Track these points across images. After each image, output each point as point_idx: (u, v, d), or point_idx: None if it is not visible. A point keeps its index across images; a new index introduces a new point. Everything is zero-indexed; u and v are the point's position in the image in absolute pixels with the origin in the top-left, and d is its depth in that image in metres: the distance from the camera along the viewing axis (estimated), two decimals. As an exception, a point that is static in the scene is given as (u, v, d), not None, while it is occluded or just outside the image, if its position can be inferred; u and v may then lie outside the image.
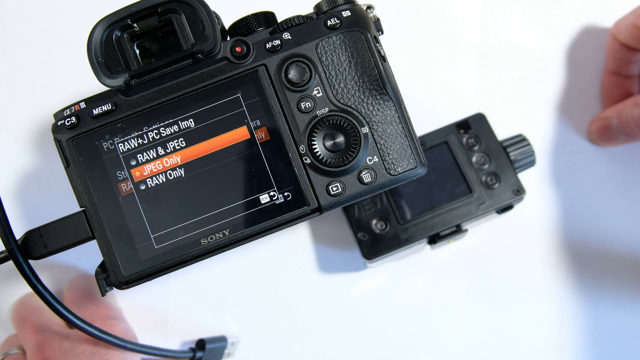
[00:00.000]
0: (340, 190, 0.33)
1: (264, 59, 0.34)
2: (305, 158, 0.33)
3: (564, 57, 0.52)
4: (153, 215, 0.33)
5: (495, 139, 0.47)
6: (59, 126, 0.34)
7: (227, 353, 0.47)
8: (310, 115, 0.33)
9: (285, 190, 0.33)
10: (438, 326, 0.49)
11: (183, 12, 0.33)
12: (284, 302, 0.49)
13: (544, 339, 0.49)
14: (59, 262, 0.48)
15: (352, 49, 0.34)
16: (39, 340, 0.40)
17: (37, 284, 0.34)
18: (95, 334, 0.37)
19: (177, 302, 0.49)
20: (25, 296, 0.46)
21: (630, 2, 0.48)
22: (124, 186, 0.33)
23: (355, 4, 0.35)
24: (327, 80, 0.34)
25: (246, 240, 0.33)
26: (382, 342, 0.49)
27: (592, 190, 0.51)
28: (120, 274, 0.33)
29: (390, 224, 0.46)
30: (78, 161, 0.33)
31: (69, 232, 0.34)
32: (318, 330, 0.49)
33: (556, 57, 0.52)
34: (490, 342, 0.49)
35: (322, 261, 0.50)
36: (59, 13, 0.50)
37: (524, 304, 0.50)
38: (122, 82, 0.32)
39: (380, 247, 0.45)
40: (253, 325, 0.49)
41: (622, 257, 0.50)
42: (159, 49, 0.34)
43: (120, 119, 0.33)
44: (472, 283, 0.50)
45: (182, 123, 0.33)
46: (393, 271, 0.50)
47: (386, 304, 0.50)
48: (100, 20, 0.32)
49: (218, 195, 0.33)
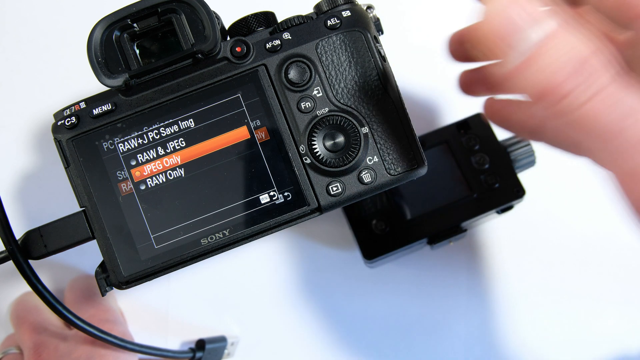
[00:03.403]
0: (340, 190, 0.33)
1: (264, 59, 0.34)
2: (305, 158, 0.33)
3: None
4: (153, 215, 0.33)
5: (495, 139, 0.47)
6: (59, 126, 0.34)
7: (226, 353, 0.47)
8: (310, 115, 0.33)
9: (285, 190, 0.33)
10: (438, 326, 0.49)
11: (183, 12, 0.33)
12: (283, 302, 0.49)
13: (544, 338, 0.49)
14: (59, 262, 0.48)
15: (352, 49, 0.34)
16: (36, 342, 0.40)
17: (37, 284, 0.34)
18: (94, 333, 0.37)
19: (177, 302, 0.49)
20: (24, 295, 0.46)
21: None
22: (124, 186, 0.33)
23: (355, 4, 0.35)
24: (327, 80, 0.34)
25: (246, 240, 0.33)
26: (382, 342, 0.49)
27: (592, 190, 0.51)
28: (120, 274, 0.33)
29: (390, 224, 0.46)
30: (78, 161, 0.33)
31: (69, 232, 0.34)
32: (318, 330, 0.49)
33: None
34: (490, 342, 0.49)
35: (322, 261, 0.50)
36: (59, 13, 0.50)
37: (525, 304, 0.50)
38: (122, 82, 0.32)
39: (380, 247, 0.45)
40: (253, 326, 0.49)
41: (622, 257, 0.50)
42: (159, 49, 0.34)
43: (120, 119, 0.33)
44: (472, 283, 0.50)
45: (182, 123, 0.33)
46: (393, 271, 0.50)
47: (386, 304, 0.49)
48: (100, 20, 0.32)
49: (218, 195, 0.33)
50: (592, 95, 0.22)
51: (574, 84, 0.22)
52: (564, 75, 0.22)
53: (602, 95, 0.21)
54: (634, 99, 0.21)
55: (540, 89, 0.23)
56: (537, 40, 0.23)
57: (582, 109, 0.22)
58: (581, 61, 0.22)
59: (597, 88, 0.22)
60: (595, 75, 0.22)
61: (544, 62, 0.22)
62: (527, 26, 0.23)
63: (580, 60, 0.22)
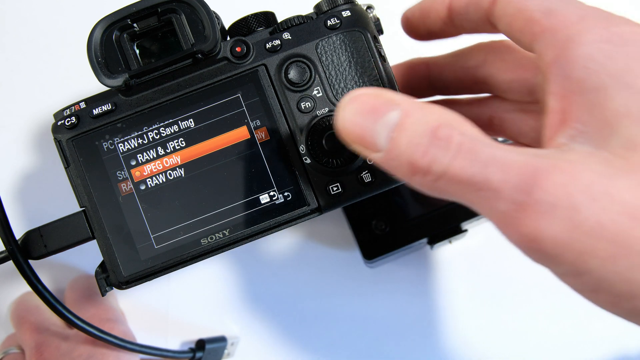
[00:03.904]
0: (340, 190, 0.33)
1: (264, 59, 0.34)
2: (305, 158, 0.33)
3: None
4: (153, 215, 0.33)
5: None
6: (59, 126, 0.34)
7: (226, 353, 0.47)
8: (310, 115, 0.33)
9: (285, 190, 0.33)
10: (438, 326, 0.49)
11: (183, 12, 0.33)
12: (283, 302, 0.49)
13: (545, 338, 0.49)
14: (59, 262, 0.48)
15: (352, 49, 0.34)
16: (38, 341, 0.40)
17: (37, 284, 0.34)
18: (94, 333, 0.37)
19: (177, 302, 0.49)
20: (24, 295, 0.46)
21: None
22: (124, 186, 0.33)
23: (355, 4, 0.35)
24: (327, 80, 0.34)
25: (246, 240, 0.33)
26: (382, 342, 0.49)
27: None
28: (120, 274, 0.33)
29: (390, 224, 0.46)
30: (78, 161, 0.33)
31: (69, 232, 0.34)
32: (318, 330, 0.49)
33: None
34: (490, 342, 0.49)
35: (322, 261, 0.50)
36: (59, 13, 0.50)
37: (525, 304, 0.50)
38: (122, 82, 0.32)
39: (380, 247, 0.45)
40: (253, 326, 0.49)
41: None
42: (159, 49, 0.34)
43: (120, 119, 0.33)
44: (472, 283, 0.50)
45: (182, 123, 0.33)
46: (393, 271, 0.50)
47: (386, 304, 0.49)
48: (100, 20, 0.32)
49: (218, 195, 0.33)
50: (452, 158, 0.23)
51: (433, 154, 0.24)
52: (422, 150, 0.24)
53: (460, 155, 0.23)
54: (490, 149, 0.23)
55: (409, 168, 0.24)
56: (389, 132, 0.25)
57: (447, 172, 0.23)
58: (433, 131, 0.24)
59: (454, 150, 0.23)
60: (449, 140, 0.24)
61: (402, 145, 0.24)
62: (376, 124, 0.25)
63: (431, 130, 0.24)
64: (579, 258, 0.22)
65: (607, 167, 0.22)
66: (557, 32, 0.25)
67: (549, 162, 0.22)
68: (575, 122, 0.24)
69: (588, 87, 0.24)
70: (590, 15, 0.25)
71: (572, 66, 0.24)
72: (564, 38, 0.25)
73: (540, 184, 0.22)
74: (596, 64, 0.24)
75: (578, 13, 0.25)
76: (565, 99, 0.24)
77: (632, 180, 0.21)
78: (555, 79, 0.25)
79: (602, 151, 0.23)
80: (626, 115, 0.22)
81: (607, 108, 0.23)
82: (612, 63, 0.23)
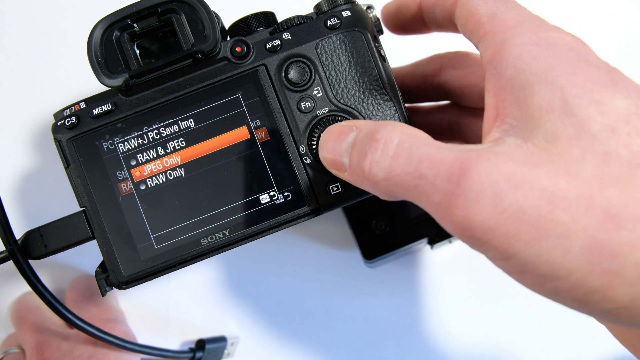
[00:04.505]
0: (340, 190, 0.33)
1: (264, 59, 0.34)
2: (305, 158, 0.33)
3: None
4: (153, 215, 0.33)
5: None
6: (59, 126, 0.34)
7: (226, 353, 0.47)
8: (310, 115, 0.33)
9: (285, 190, 0.33)
10: (438, 326, 0.49)
11: (183, 12, 0.33)
12: (283, 302, 0.49)
13: (545, 338, 0.49)
14: (59, 262, 0.48)
15: (352, 49, 0.34)
16: (38, 341, 0.40)
17: (37, 284, 0.34)
18: (94, 333, 0.37)
19: (177, 302, 0.49)
20: (24, 295, 0.46)
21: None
22: (124, 186, 0.33)
23: (355, 4, 0.35)
24: (327, 80, 0.34)
25: (246, 240, 0.33)
26: (382, 342, 0.49)
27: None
28: (120, 274, 0.33)
29: (390, 224, 0.46)
30: (78, 161, 0.33)
31: (69, 232, 0.34)
32: (318, 330, 0.49)
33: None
34: (491, 342, 0.49)
35: (322, 261, 0.50)
36: (59, 13, 0.50)
37: (525, 304, 0.50)
38: (122, 82, 0.32)
39: (380, 247, 0.45)
40: (253, 326, 0.49)
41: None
42: (159, 49, 0.34)
43: (120, 119, 0.33)
44: (472, 283, 0.50)
45: (182, 123, 0.33)
46: (393, 271, 0.50)
47: (386, 304, 0.49)
48: (100, 20, 0.32)
49: (218, 195, 0.33)
50: (392, 159, 0.26)
51: (372, 156, 0.26)
52: (365, 155, 0.27)
53: (400, 155, 0.26)
54: (425, 147, 0.25)
55: (361, 177, 0.27)
56: (348, 150, 0.29)
57: (390, 173, 0.26)
58: (371, 135, 0.27)
59: (393, 151, 0.26)
60: (387, 142, 0.26)
61: (354, 158, 0.28)
62: (341, 147, 0.29)
63: (371, 135, 0.27)
64: (505, 242, 0.23)
65: (529, 157, 0.23)
66: (495, 35, 0.27)
67: (476, 154, 0.24)
68: (507, 117, 0.25)
69: (516, 84, 0.25)
70: (526, 21, 0.27)
71: (503, 65, 0.26)
72: (500, 40, 0.27)
73: (467, 174, 0.23)
74: (523, 63, 0.25)
75: (516, 19, 0.27)
76: (498, 95, 0.26)
77: (550, 168, 0.23)
78: (490, 78, 0.27)
79: (528, 143, 0.24)
80: (548, 110, 0.24)
81: (532, 103, 0.24)
82: (537, 63, 0.25)
